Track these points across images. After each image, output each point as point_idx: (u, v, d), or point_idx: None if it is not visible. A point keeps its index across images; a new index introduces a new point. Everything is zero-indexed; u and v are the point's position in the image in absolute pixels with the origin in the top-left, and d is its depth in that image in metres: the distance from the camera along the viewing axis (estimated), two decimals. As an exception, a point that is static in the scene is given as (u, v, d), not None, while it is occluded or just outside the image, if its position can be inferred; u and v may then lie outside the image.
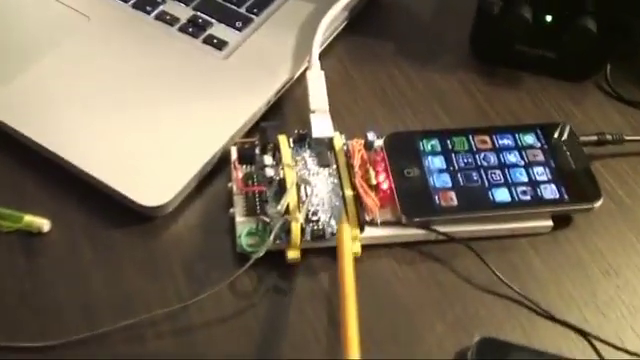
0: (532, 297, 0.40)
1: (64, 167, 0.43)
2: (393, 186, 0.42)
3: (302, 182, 0.42)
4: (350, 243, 0.39)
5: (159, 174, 0.42)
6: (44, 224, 0.41)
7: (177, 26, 0.50)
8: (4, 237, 0.41)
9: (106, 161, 0.42)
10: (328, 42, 0.51)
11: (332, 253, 0.41)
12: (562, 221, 0.43)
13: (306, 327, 0.39)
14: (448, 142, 0.44)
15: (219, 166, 0.44)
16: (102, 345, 0.38)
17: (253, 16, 0.51)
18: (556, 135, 0.45)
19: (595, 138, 0.46)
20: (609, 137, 0.46)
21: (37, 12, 0.50)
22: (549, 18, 0.48)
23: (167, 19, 0.50)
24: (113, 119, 0.44)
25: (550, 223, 0.43)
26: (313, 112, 0.45)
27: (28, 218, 0.41)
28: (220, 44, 0.49)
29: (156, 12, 0.50)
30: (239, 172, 0.43)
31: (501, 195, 0.42)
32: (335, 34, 0.52)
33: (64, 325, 0.38)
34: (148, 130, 0.44)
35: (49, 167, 0.43)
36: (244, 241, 0.40)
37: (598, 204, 0.42)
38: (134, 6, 0.51)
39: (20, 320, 0.38)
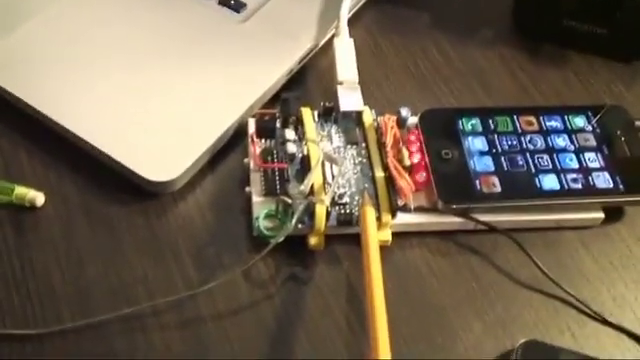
0: (581, 297, 0.36)
1: (61, 135, 0.39)
2: (429, 168, 0.37)
3: (328, 160, 0.37)
4: (375, 228, 0.35)
5: (168, 147, 0.38)
6: (37, 197, 0.37)
7: (191, -15, 0.45)
8: (-8, 210, 0.37)
9: (109, 130, 0.38)
10: (355, 10, 0.47)
11: (358, 240, 0.37)
12: (614, 213, 0.39)
13: (328, 321, 0.35)
14: (490, 122, 0.40)
15: (235, 140, 0.40)
16: (98, 335, 0.34)
17: (275, -23, 0.46)
18: (609, 118, 0.41)
19: (651, 123, 0.41)
20: (667, 122, 0.41)
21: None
22: (603, -10, 0.43)
23: (180, -22, 0.45)
24: (118, 86, 0.40)
25: (601, 215, 0.38)
26: (340, 83, 0.40)
27: (20, 190, 0.37)
28: (238, 6, 0.44)
29: (168, -29, 0.46)
30: (257, 147, 0.38)
31: (549, 182, 0.38)
32: (363, 1, 0.47)
33: (56, 312, 0.34)
34: (157, 99, 0.40)
35: (44, 135, 0.39)
36: (262, 224, 0.35)
37: (656, 196, 0.38)
38: (144, -37, 0.46)
39: (7, 304, 0.34)
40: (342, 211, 0.36)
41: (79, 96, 0.39)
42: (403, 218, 0.37)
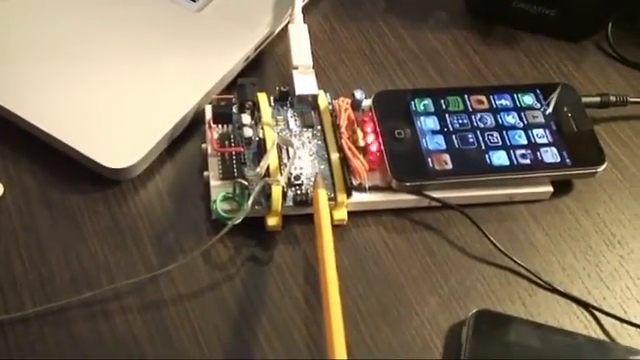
0: (532, 268, 0.37)
1: (19, 126, 0.39)
2: (383, 148, 0.38)
3: (284, 143, 0.38)
4: (327, 211, 0.35)
5: (125, 134, 0.38)
6: (-3, 188, 0.37)
7: (147, -25, 0.46)
8: (-49, 202, 0.37)
9: (66, 120, 0.38)
10: (311, -4, 0.48)
11: (316, 220, 0.38)
12: (562, 187, 0.40)
13: (287, 300, 0.36)
14: (442, 102, 0.41)
15: (193, 126, 0.41)
16: (60, 321, 0.34)
17: (230, -34, 0.47)
18: (557, 96, 0.42)
19: (598, 99, 0.43)
20: (612, 98, 0.43)
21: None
22: (550, -29, 0.44)
23: (135, -33, 0.46)
24: (73, 74, 0.40)
25: (550, 189, 0.40)
26: (296, 68, 0.41)
27: (-22, 181, 0.37)
28: (194, -5, 0.45)
29: (124, -40, 0.46)
30: (214, 132, 0.39)
31: (499, 158, 0.39)
32: (319, -12, 0.48)
33: (18, 299, 0.35)
34: (114, 86, 0.40)
35: (1, 126, 0.39)
36: (219, 206, 0.36)
37: (602, 168, 0.39)
38: (99, -46, 0.46)
39: (-32, 293, 0.35)
40: (298, 192, 0.37)
41: (36, 87, 0.40)
42: (358, 197, 0.38)
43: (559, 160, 0.39)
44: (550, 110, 0.41)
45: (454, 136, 0.39)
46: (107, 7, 0.44)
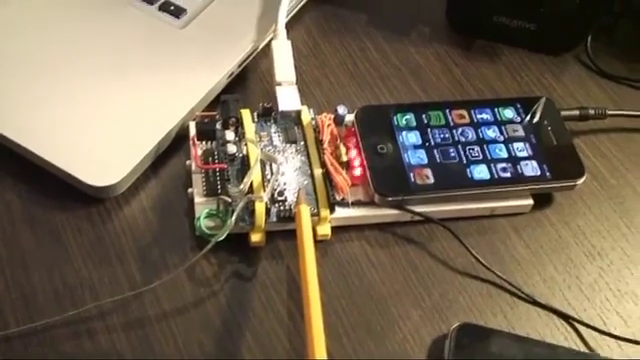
0: (513, 281, 0.38)
1: (2, 144, 0.39)
2: (365, 163, 0.39)
3: (267, 159, 0.38)
4: (309, 227, 0.36)
5: (109, 151, 0.38)
6: (-20, 206, 0.37)
7: (131, -8, 0.46)
8: None
9: (50, 138, 0.39)
10: (295, 12, 0.48)
11: (300, 236, 0.38)
12: (543, 200, 0.41)
13: (271, 315, 0.36)
14: (423, 116, 0.41)
15: (177, 143, 0.41)
16: (44, 339, 0.34)
17: (214, -18, 0.47)
18: (537, 109, 0.42)
19: (577, 113, 0.43)
20: (591, 111, 0.44)
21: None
22: (529, -14, 0.45)
23: (120, -16, 0.46)
24: (57, 91, 0.40)
25: (531, 202, 0.40)
26: (279, 84, 0.42)
27: (-38, 200, 0.37)
28: (177, 11, 0.45)
29: (108, -23, 0.46)
30: (198, 149, 0.39)
31: (480, 172, 0.39)
32: (302, 3, 0.49)
33: (2, 318, 0.35)
34: (98, 103, 0.40)
35: (-13, 144, 0.40)
36: (203, 223, 0.36)
37: (581, 181, 0.40)
38: (83, -30, 0.47)
39: (-47, 312, 0.35)
40: (282, 207, 0.37)
41: (19, 104, 0.40)
42: (342, 212, 0.38)
43: (539, 173, 0.40)
44: (530, 124, 0.42)
45: (436, 150, 0.40)
46: (91, 24, 0.44)
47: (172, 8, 0.45)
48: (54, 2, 0.45)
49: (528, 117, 0.42)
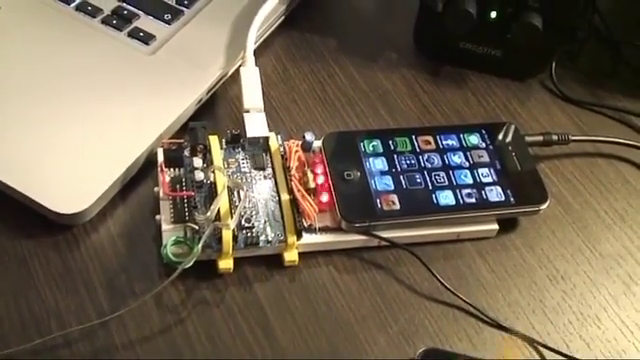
0: (479, 305, 0.38)
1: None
2: (332, 189, 0.39)
3: (234, 186, 0.39)
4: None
5: (77, 178, 0.39)
6: (-55, 234, 0.37)
7: (100, 17, 0.46)
8: None
9: (16, 164, 0.38)
10: (264, 38, 0.49)
11: (267, 261, 0.39)
12: (508, 224, 0.42)
13: (238, 341, 0.36)
14: (390, 143, 0.42)
15: (145, 170, 0.41)
16: (9, 369, 0.34)
17: (183, 8, 0.48)
18: (501, 135, 0.43)
19: (541, 138, 0.44)
20: (555, 137, 0.44)
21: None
22: (494, 14, 0.46)
23: (89, 10, 0.46)
24: (23, 117, 0.40)
25: (496, 227, 0.41)
26: (247, 111, 0.42)
27: None
28: (147, 38, 0.45)
29: (77, 2, 0.47)
30: (166, 176, 0.39)
31: (445, 198, 0.40)
32: (272, 29, 0.49)
33: (-34, 347, 0.34)
34: (65, 130, 0.40)
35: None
36: (170, 250, 0.36)
37: (545, 206, 0.41)
38: (53, -5, 0.47)
39: None
40: (249, 234, 0.37)
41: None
42: (309, 238, 0.38)
43: (503, 199, 0.40)
44: (495, 150, 0.42)
45: (402, 176, 0.40)
46: (59, 49, 0.44)
47: (141, 34, 0.46)
48: (21, 27, 0.45)
49: (493, 143, 0.43)
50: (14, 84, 0.42)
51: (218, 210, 0.37)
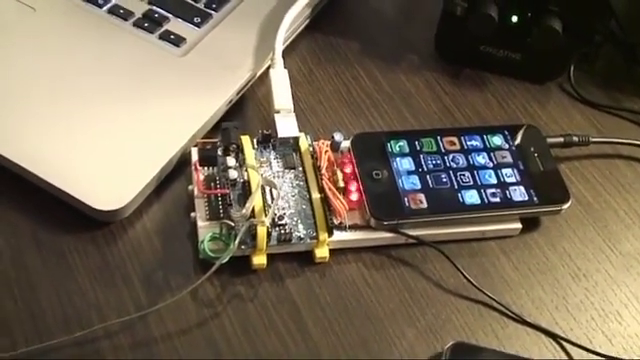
0: (503, 301, 0.39)
1: (11, 169, 0.40)
2: (362, 188, 0.41)
3: (267, 184, 0.40)
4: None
5: (115, 177, 0.40)
6: (-12, 230, 0.38)
7: (131, 21, 0.47)
8: (-57, 244, 0.38)
9: (56, 162, 0.40)
10: (290, 41, 0.50)
11: (299, 258, 0.40)
12: (531, 224, 0.43)
13: (273, 336, 0.37)
14: (416, 143, 0.43)
15: (179, 168, 0.42)
16: (53, 360, 0.35)
17: (212, 12, 0.49)
18: (523, 137, 0.45)
19: (561, 140, 0.46)
20: (575, 138, 0.46)
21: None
22: (515, 19, 0.47)
23: (120, 13, 0.47)
24: (62, 118, 0.42)
25: (519, 225, 0.42)
26: (277, 112, 0.43)
27: (-30, 224, 0.38)
28: (177, 40, 0.47)
29: (109, 5, 0.48)
30: (200, 174, 0.41)
31: (471, 197, 0.41)
32: (297, 33, 0.50)
33: (10, 338, 0.36)
34: (102, 130, 0.42)
35: (-6, 169, 0.41)
36: (207, 246, 0.38)
37: (567, 206, 0.42)
38: (85, -1, 0.48)
39: (-38, 334, 0.36)
40: (282, 231, 0.39)
41: (27, 131, 0.41)
42: (339, 236, 0.40)
43: (527, 198, 0.42)
44: (517, 150, 0.44)
45: (428, 176, 0.42)
46: (92, 50, 0.45)
47: (172, 37, 0.47)
48: (58, 32, 0.46)
49: (515, 144, 0.44)
50: (51, 84, 0.43)
51: (252, 208, 0.38)
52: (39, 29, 0.46)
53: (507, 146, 0.44)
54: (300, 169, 0.41)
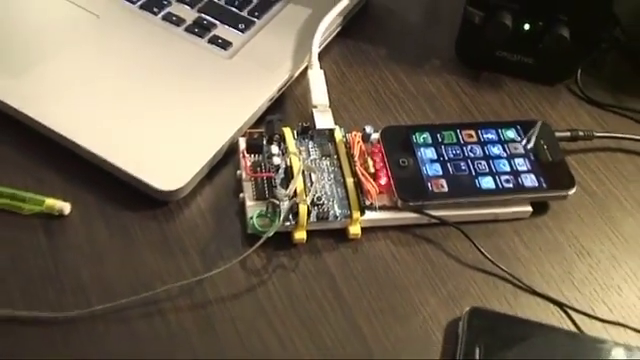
0: (516, 274, 0.44)
1: (84, 155, 0.46)
2: (390, 174, 0.46)
3: (307, 169, 0.45)
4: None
5: (173, 161, 0.45)
6: (65, 207, 0.44)
7: (183, 27, 0.53)
8: (26, 219, 0.44)
9: (122, 148, 0.45)
10: (324, 46, 0.55)
11: (335, 234, 0.45)
12: (541, 208, 0.48)
13: (313, 302, 0.42)
14: (438, 135, 0.48)
15: (226, 157, 0.48)
16: (122, 318, 0.40)
17: (255, 19, 0.55)
18: (534, 130, 0.50)
19: (568, 134, 0.51)
20: (581, 133, 0.51)
21: (49, 11, 0.53)
22: (527, 27, 0.52)
23: (173, 20, 0.53)
24: (128, 110, 0.47)
25: (530, 209, 0.47)
26: (315, 107, 0.49)
27: (50, 201, 0.44)
28: (225, 44, 0.52)
29: (163, 13, 0.54)
30: (247, 161, 0.46)
31: (486, 183, 0.46)
32: (330, 39, 0.56)
33: (83, 299, 0.41)
34: (162, 121, 0.47)
35: (70, 156, 0.46)
36: (256, 222, 0.43)
37: (572, 191, 0.47)
38: (141, 7, 0.54)
39: (42, 294, 0.41)
40: (320, 210, 0.44)
41: (94, 120, 0.46)
42: (370, 215, 0.45)
43: (537, 184, 0.47)
44: (529, 143, 0.49)
45: (449, 164, 0.47)
46: (151, 52, 0.51)
47: (220, 41, 0.53)
48: (120, 36, 0.52)
49: (527, 137, 0.49)
50: (115, 81, 0.49)
51: (295, 188, 0.44)
52: (103, 33, 0.52)
53: (519, 139, 0.49)
54: (335, 157, 0.47)
